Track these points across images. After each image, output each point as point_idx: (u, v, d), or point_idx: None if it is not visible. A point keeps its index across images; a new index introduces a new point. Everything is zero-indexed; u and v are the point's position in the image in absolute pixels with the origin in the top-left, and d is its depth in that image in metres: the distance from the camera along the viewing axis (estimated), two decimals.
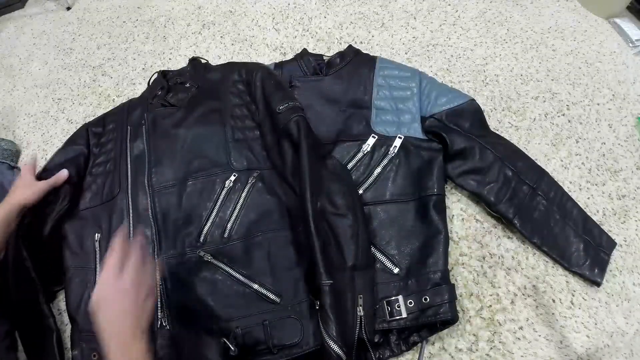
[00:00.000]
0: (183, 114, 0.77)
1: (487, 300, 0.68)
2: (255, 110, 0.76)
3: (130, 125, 0.79)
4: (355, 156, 0.74)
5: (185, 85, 0.82)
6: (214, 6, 1.16)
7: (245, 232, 0.66)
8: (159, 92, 0.82)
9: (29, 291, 0.67)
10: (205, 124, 0.76)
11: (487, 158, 0.72)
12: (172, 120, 0.77)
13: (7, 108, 1.03)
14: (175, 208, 0.69)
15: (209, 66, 0.88)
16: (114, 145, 0.78)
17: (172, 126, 0.76)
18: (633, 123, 0.86)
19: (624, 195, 0.77)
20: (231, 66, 0.84)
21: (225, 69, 0.84)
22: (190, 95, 0.81)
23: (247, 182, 0.70)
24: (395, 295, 0.63)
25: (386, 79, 0.80)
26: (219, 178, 0.70)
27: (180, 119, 0.77)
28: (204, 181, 0.70)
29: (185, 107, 0.78)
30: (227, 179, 0.70)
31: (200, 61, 0.89)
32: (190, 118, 0.77)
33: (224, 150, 0.73)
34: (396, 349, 0.63)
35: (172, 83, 0.84)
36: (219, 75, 0.83)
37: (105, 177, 0.75)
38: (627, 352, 0.63)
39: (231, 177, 0.70)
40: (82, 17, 1.20)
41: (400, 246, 0.67)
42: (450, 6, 1.08)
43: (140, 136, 0.77)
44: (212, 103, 0.78)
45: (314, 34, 1.05)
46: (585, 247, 0.69)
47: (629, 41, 0.98)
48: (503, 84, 0.92)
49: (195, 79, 0.83)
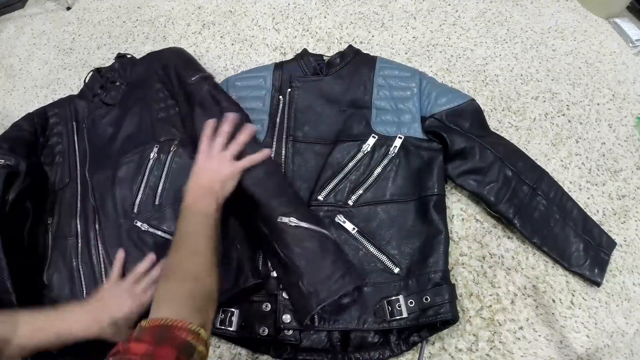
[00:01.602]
0: (117, 112, 0.82)
1: (487, 300, 0.68)
2: (172, 88, 0.80)
3: (75, 122, 0.84)
4: (355, 156, 0.74)
5: (115, 83, 0.86)
6: (214, 6, 1.16)
7: (174, 197, 0.70)
8: (99, 90, 0.86)
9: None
10: (135, 115, 0.80)
11: (487, 158, 0.72)
12: (108, 120, 0.82)
13: (7, 108, 1.03)
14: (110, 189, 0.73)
15: (134, 60, 0.91)
16: (60, 139, 0.82)
17: (109, 125, 0.81)
18: (633, 123, 0.86)
19: (624, 195, 0.77)
20: (151, 56, 0.88)
21: (146, 60, 0.88)
22: (122, 92, 0.85)
23: (169, 151, 0.74)
24: (396, 295, 0.63)
25: (386, 79, 0.80)
26: (145, 153, 0.74)
27: (116, 117, 0.81)
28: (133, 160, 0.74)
29: (118, 105, 0.83)
30: (151, 151, 0.74)
31: (126, 57, 0.91)
32: (123, 115, 0.81)
33: (151, 130, 0.77)
34: (396, 349, 0.63)
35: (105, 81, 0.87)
36: (143, 67, 0.87)
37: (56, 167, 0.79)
38: (627, 352, 0.63)
39: (154, 149, 0.74)
40: (82, 17, 1.20)
41: (400, 246, 0.67)
42: (450, 6, 1.08)
43: (82, 137, 0.82)
44: (138, 93, 0.83)
45: (314, 34, 1.05)
46: (585, 247, 0.69)
47: (629, 41, 0.98)
48: (503, 84, 0.92)
49: (123, 77, 0.87)
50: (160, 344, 0.37)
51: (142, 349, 0.36)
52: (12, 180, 0.70)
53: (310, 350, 0.64)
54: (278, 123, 0.79)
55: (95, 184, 0.75)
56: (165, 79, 0.82)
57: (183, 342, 0.39)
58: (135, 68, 0.88)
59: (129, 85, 0.85)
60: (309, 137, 0.77)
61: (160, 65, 0.84)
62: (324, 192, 0.71)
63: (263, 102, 0.81)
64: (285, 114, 0.79)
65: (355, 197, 0.71)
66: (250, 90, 0.83)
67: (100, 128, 0.81)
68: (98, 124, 0.82)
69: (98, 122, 0.82)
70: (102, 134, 0.80)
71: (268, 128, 0.79)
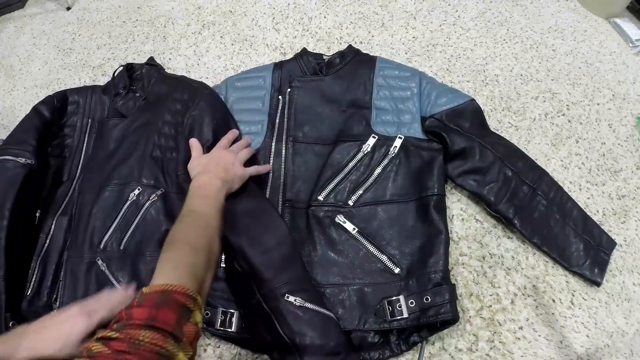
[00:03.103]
0: (123, 129, 0.79)
1: (487, 300, 0.68)
2: (180, 133, 0.75)
3: (91, 119, 0.82)
4: (355, 156, 0.74)
5: (136, 94, 0.83)
6: (214, 6, 1.16)
7: (136, 249, 0.67)
8: (121, 90, 0.83)
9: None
10: (133, 143, 0.77)
11: (487, 158, 0.72)
12: (114, 135, 0.79)
13: (7, 108, 1.03)
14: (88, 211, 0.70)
15: (161, 73, 0.87)
16: (72, 133, 0.80)
17: (113, 140, 0.78)
18: (633, 123, 0.86)
19: (624, 195, 0.77)
20: (179, 82, 0.83)
21: (173, 83, 0.83)
22: (138, 106, 0.81)
23: (149, 199, 0.70)
24: (396, 295, 0.63)
25: (386, 79, 0.80)
26: (127, 190, 0.71)
27: (121, 134, 0.78)
28: (116, 190, 0.71)
29: (130, 118, 0.80)
30: (132, 191, 0.70)
31: (154, 67, 0.88)
32: (126, 135, 0.78)
33: (140, 165, 0.73)
34: (396, 349, 0.63)
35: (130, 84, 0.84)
36: (166, 89, 0.82)
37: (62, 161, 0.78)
38: (627, 352, 0.63)
39: (135, 191, 0.70)
40: (82, 17, 1.20)
41: (400, 246, 0.67)
42: (450, 6, 1.08)
43: (91, 139, 0.80)
44: (148, 116, 0.79)
45: (314, 34, 1.05)
46: (585, 247, 0.69)
47: (629, 41, 0.98)
48: (503, 84, 0.92)
49: (144, 89, 0.84)
50: (161, 307, 0.39)
51: (144, 313, 0.38)
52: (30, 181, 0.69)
53: None
54: (278, 123, 0.79)
55: (81, 198, 0.72)
56: (178, 117, 0.77)
57: (182, 305, 0.40)
58: (157, 85, 0.84)
59: (146, 101, 0.81)
60: (309, 137, 0.77)
61: (182, 99, 0.79)
62: (324, 192, 0.71)
63: (262, 102, 0.81)
64: (285, 114, 0.79)
65: (355, 197, 0.71)
66: (249, 91, 0.83)
67: (106, 139, 0.79)
68: (105, 134, 0.79)
69: (106, 133, 0.79)
70: (105, 147, 0.78)
71: (267, 128, 0.79)
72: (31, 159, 0.70)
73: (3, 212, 0.65)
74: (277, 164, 0.75)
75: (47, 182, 0.75)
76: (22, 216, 0.67)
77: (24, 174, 0.69)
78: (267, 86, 0.83)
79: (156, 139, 0.76)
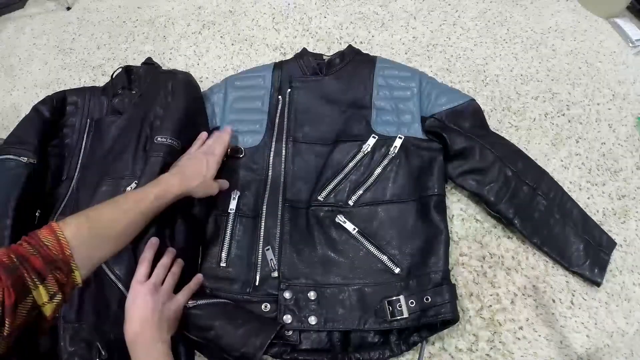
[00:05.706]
0: (121, 122, 0.79)
1: (487, 300, 0.68)
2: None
3: (89, 119, 0.82)
4: (355, 156, 0.74)
5: (132, 91, 0.84)
6: (214, 6, 1.16)
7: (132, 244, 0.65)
8: (120, 91, 0.83)
9: None
10: (130, 130, 0.77)
11: (487, 158, 0.72)
12: (112, 130, 0.79)
13: (7, 108, 1.03)
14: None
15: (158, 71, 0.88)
16: (72, 133, 0.81)
17: (110, 138, 0.78)
18: (633, 123, 0.86)
19: (624, 195, 0.77)
20: (168, 76, 0.84)
21: (164, 77, 0.83)
22: (133, 102, 0.82)
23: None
24: (397, 295, 0.63)
25: (386, 79, 0.80)
26: (123, 183, 0.70)
27: (118, 126, 0.79)
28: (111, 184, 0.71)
29: (125, 114, 0.80)
30: (128, 185, 0.70)
31: (152, 66, 0.89)
32: (122, 126, 0.79)
33: (134, 158, 0.73)
34: (396, 349, 0.63)
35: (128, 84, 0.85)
36: (159, 83, 0.83)
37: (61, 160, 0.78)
38: (627, 352, 0.63)
39: (132, 184, 0.70)
40: (82, 17, 1.20)
41: (401, 246, 0.67)
42: (450, 6, 1.08)
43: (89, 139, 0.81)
44: (140, 111, 0.79)
45: (314, 34, 1.05)
46: (585, 247, 0.69)
47: (629, 41, 0.98)
48: (503, 84, 0.92)
49: (141, 87, 0.84)
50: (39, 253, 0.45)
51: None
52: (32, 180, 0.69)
53: (310, 351, 0.63)
54: (277, 123, 0.79)
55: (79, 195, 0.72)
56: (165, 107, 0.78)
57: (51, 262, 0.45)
58: (152, 81, 0.84)
59: (140, 97, 0.82)
60: (309, 137, 0.77)
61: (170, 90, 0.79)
62: (324, 192, 0.71)
63: (262, 102, 0.81)
64: (285, 114, 0.79)
65: (355, 198, 0.71)
66: (249, 90, 0.83)
67: (103, 137, 0.79)
68: (103, 131, 0.80)
69: (103, 130, 0.80)
70: (102, 144, 0.78)
71: (267, 128, 0.79)
72: (33, 158, 0.71)
73: (7, 211, 0.65)
74: (277, 164, 0.75)
75: (47, 181, 0.75)
76: (24, 215, 0.67)
77: (27, 173, 0.69)
78: (267, 86, 0.83)
79: (147, 132, 0.76)
